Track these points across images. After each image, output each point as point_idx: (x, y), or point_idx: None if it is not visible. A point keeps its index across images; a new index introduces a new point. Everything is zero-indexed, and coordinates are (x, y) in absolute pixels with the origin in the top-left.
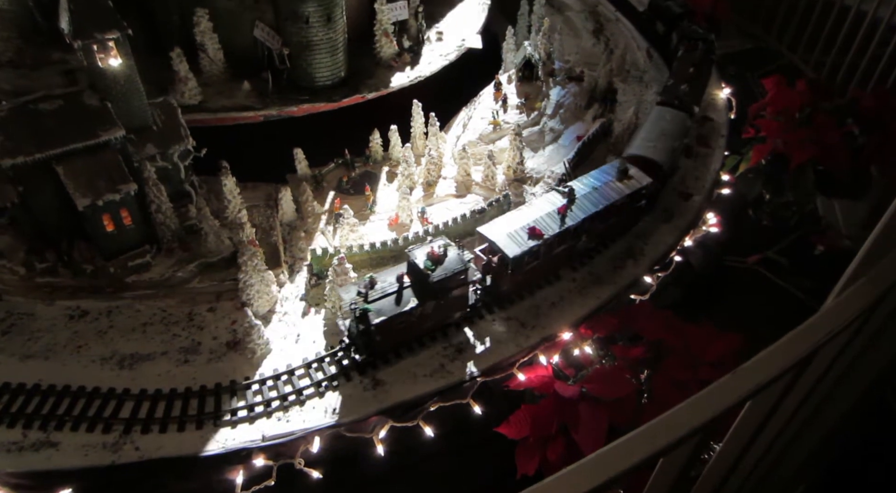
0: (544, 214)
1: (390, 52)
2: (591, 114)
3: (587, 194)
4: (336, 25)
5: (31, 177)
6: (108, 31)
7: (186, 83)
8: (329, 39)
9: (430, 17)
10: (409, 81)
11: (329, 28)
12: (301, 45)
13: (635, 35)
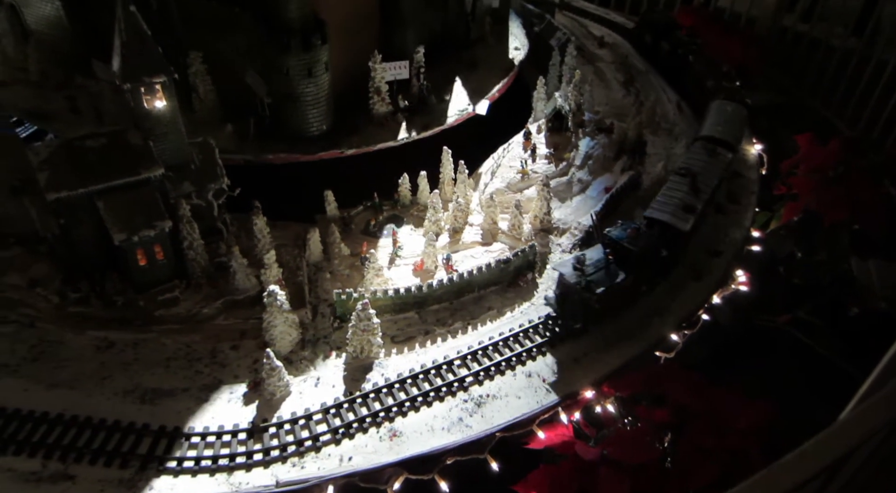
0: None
1: (383, 110)
2: (619, 165)
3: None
4: (318, 80)
5: (73, 210)
6: (155, 75)
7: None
8: (310, 93)
9: (448, 78)
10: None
11: (310, 82)
12: (283, 95)
13: (665, 87)
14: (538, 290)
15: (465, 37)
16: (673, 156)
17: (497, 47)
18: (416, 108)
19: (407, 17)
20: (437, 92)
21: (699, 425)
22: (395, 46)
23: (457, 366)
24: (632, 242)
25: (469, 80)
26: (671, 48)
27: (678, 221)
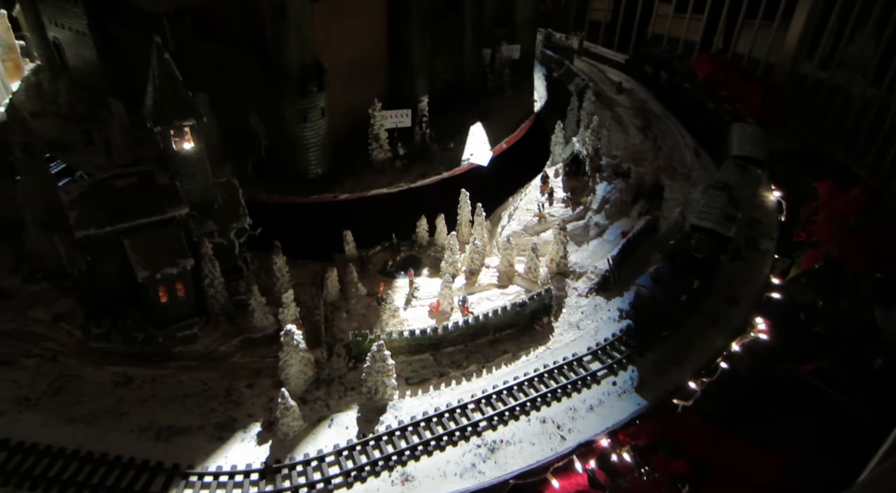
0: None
1: (382, 157)
2: (636, 210)
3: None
4: (314, 125)
5: (100, 247)
6: (185, 118)
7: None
8: (305, 137)
9: (457, 127)
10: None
11: (306, 127)
12: (280, 138)
13: (683, 133)
14: (553, 334)
15: (480, 87)
16: (691, 201)
17: (514, 98)
18: (417, 156)
19: (416, 67)
20: (443, 140)
21: (717, 478)
22: (404, 95)
23: (471, 410)
24: (696, 250)
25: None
26: (669, 77)
27: (722, 228)
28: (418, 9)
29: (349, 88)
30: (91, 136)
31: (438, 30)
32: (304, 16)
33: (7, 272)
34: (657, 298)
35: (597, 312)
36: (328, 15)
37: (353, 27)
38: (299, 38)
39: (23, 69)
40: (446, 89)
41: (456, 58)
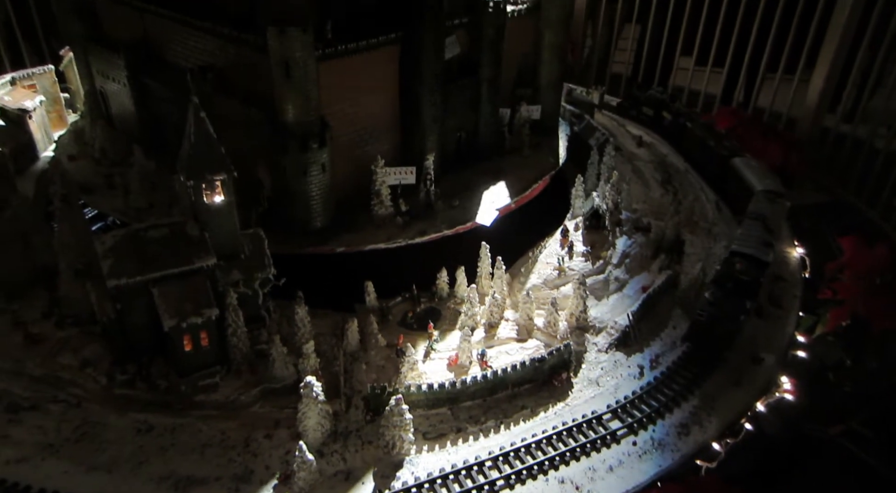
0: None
1: (383, 212)
2: (657, 265)
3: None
4: (314, 179)
5: (129, 296)
6: (217, 173)
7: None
8: (305, 191)
9: (467, 185)
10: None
11: (305, 181)
12: (282, 190)
13: (704, 187)
14: (573, 390)
15: (497, 146)
16: (712, 256)
17: (531, 158)
18: (419, 212)
19: (427, 126)
20: (450, 198)
21: None
22: (415, 152)
23: (488, 468)
24: (742, 273)
25: (489, 189)
26: (673, 117)
27: (762, 254)
28: (430, 70)
29: (357, 144)
30: (113, 180)
31: (453, 90)
32: (307, 76)
33: (40, 317)
34: (718, 319)
35: (616, 368)
36: (337, 74)
37: (364, 86)
38: (303, 96)
39: (66, 120)
40: (460, 147)
41: (471, 117)
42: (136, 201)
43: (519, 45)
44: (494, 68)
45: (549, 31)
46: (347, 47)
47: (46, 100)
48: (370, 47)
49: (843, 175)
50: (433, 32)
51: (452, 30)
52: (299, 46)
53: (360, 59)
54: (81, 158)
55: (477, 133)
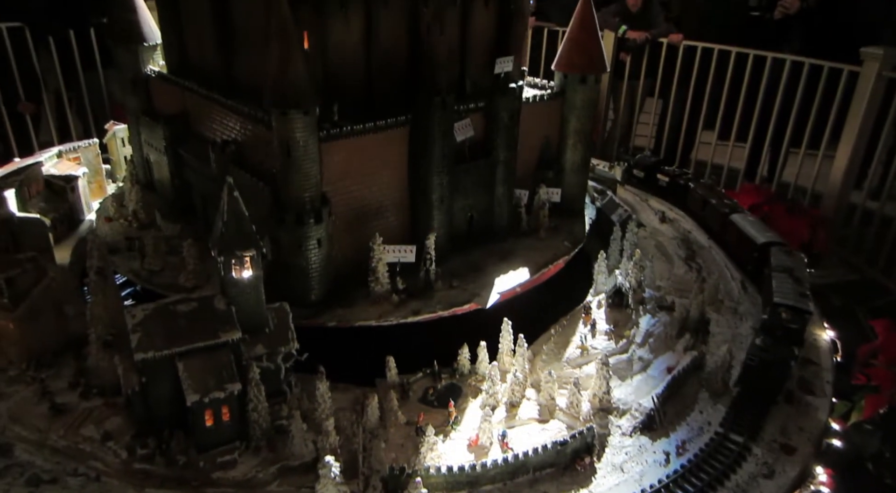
0: None
1: (379, 290)
2: (682, 344)
3: None
4: (308, 254)
5: (155, 369)
6: (247, 249)
7: (188, 266)
8: (298, 265)
9: (472, 266)
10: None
11: (300, 255)
12: (276, 262)
13: (728, 265)
14: (596, 476)
15: (512, 228)
16: (738, 336)
17: (547, 241)
18: (416, 291)
19: (434, 206)
20: (452, 278)
21: None
22: (421, 230)
23: None
24: (791, 321)
25: (493, 272)
26: (671, 179)
27: (803, 304)
28: (438, 153)
29: (360, 221)
30: (133, 242)
31: (465, 170)
32: (307, 155)
33: (67, 387)
34: (770, 364)
35: (641, 454)
36: (342, 153)
37: (370, 165)
38: (302, 174)
39: (105, 190)
40: (472, 227)
41: (484, 197)
42: (150, 264)
43: (541, 128)
44: (509, 151)
45: (573, 117)
46: (353, 129)
47: (89, 171)
48: (377, 129)
49: (871, 253)
50: (441, 120)
51: (466, 113)
52: (300, 127)
53: (367, 140)
54: (116, 220)
55: (491, 213)
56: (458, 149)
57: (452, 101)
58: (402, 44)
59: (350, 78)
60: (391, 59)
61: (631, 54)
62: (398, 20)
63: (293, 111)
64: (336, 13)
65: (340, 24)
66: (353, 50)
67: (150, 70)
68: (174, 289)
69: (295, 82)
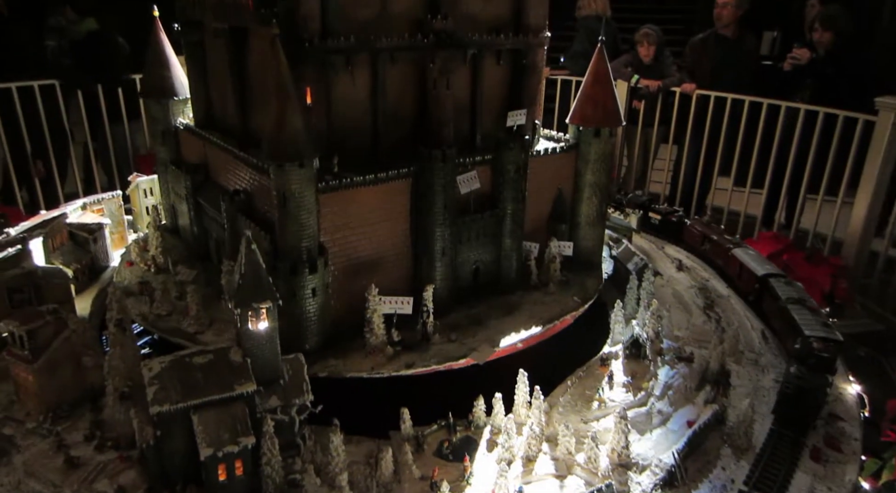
0: None
1: (374, 341)
2: (702, 397)
3: None
4: (302, 303)
5: (169, 423)
6: (263, 301)
7: (191, 311)
8: (293, 313)
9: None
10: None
11: (294, 304)
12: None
13: (748, 314)
14: None
15: (519, 281)
16: (761, 389)
17: (556, 295)
18: (412, 344)
19: (435, 258)
20: (451, 331)
21: None
22: (423, 281)
23: None
24: (823, 350)
25: (495, 326)
26: (663, 217)
27: (831, 333)
28: (439, 206)
29: (360, 271)
30: (143, 287)
31: (469, 222)
32: (302, 206)
33: (82, 439)
34: (805, 391)
35: None
36: (341, 204)
37: (370, 216)
38: (297, 224)
39: (126, 240)
40: (476, 278)
41: (490, 249)
42: (158, 308)
43: (554, 181)
44: (516, 204)
45: (587, 170)
46: (353, 180)
47: (111, 222)
48: (378, 181)
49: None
50: (442, 172)
51: (472, 165)
52: (295, 179)
53: (368, 191)
54: (137, 265)
55: (498, 266)
56: (463, 201)
57: (454, 153)
58: (409, 97)
59: (356, 130)
60: (398, 112)
61: (644, 102)
62: (405, 74)
63: (289, 164)
64: (342, 70)
65: (346, 80)
66: (359, 103)
67: (179, 122)
68: (178, 334)
69: (291, 137)
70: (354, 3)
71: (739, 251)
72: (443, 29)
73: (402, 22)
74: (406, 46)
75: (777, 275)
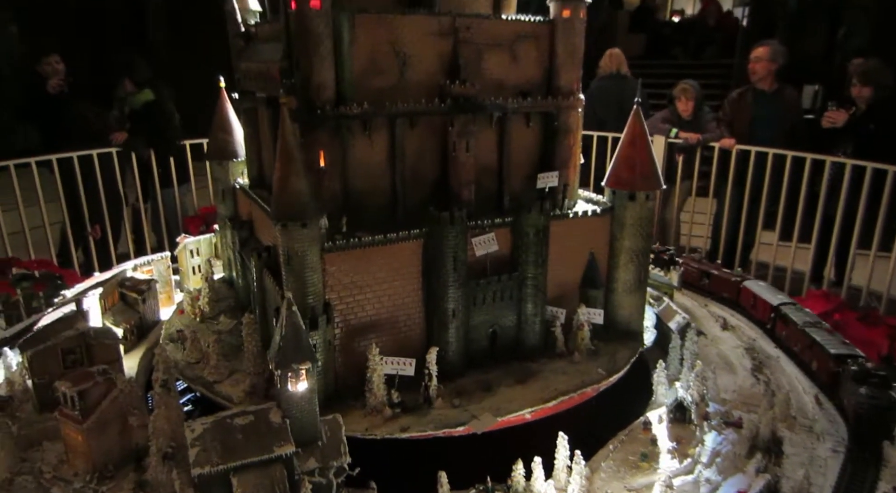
0: None
1: (374, 402)
2: (753, 465)
3: None
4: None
5: (210, 484)
6: (303, 362)
7: (210, 361)
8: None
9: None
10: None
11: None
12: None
13: (800, 377)
14: None
15: (542, 348)
16: (817, 459)
17: (580, 366)
18: (413, 407)
19: (446, 320)
20: (456, 396)
21: None
22: (433, 342)
23: None
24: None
25: (504, 394)
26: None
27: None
28: (450, 266)
29: (370, 330)
30: (179, 334)
31: (486, 285)
32: (305, 265)
33: None
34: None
35: None
36: (349, 263)
37: (379, 276)
38: (300, 282)
39: (173, 300)
40: (494, 343)
41: (508, 314)
42: (188, 356)
43: (585, 245)
44: (537, 268)
45: (623, 235)
46: (361, 240)
47: (160, 282)
48: (387, 242)
49: None
50: (452, 234)
51: (490, 227)
52: (298, 238)
53: (378, 251)
54: (187, 314)
55: (518, 331)
56: (479, 263)
57: (464, 215)
58: (429, 158)
59: (374, 191)
60: (418, 173)
61: (683, 154)
62: (425, 137)
63: (291, 223)
64: (359, 133)
65: (363, 143)
66: (376, 165)
67: (237, 182)
68: (199, 381)
69: (294, 197)
70: (370, 72)
71: (751, 284)
72: (461, 93)
73: (422, 88)
74: (424, 111)
75: (789, 303)
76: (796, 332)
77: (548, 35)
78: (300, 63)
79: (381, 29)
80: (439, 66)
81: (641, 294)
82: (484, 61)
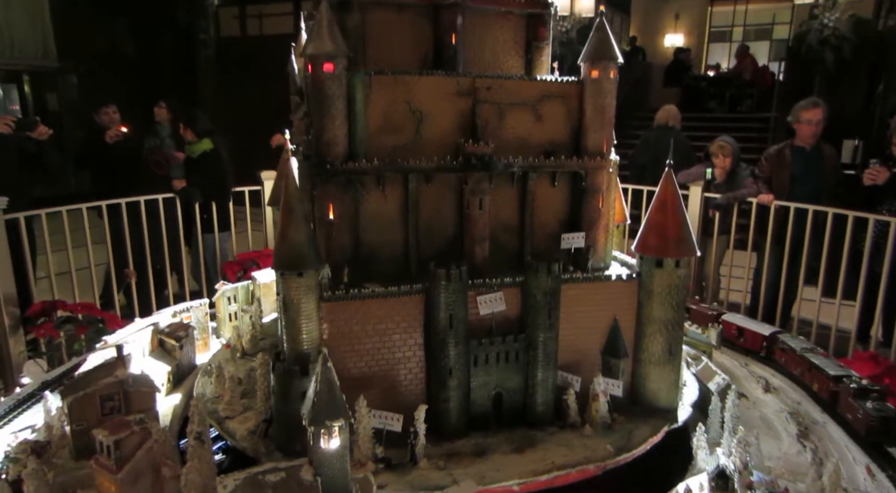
0: None
1: (357, 455)
2: None
3: None
4: (295, 405)
5: None
6: (336, 419)
7: (224, 397)
8: (285, 415)
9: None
10: None
11: (287, 406)
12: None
13: (849, 444)
14: None
15: (550, 416)
16: None
17: (588, 440)
18: (397, 464)
19: (444, 380)
20: (444, 458)
21: None
22: (433, 399)
23: None
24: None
25: (496, 461)
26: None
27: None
28: (445, 324)
29: (370, 381)
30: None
31: (490, 346)
32: (300, 313)
33: None
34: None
35: None
36: (348, 313)
37: (379, 328)
38: (295, 329)
39: (210, 347)
40: (499, 405)
41: (515, 377)
42: (217, 389)
43: (608, 311)
44: (547, 332)
45: (651, 303)
46: (361, 292)
47: (197, 329)
48: (388, 295)
49: None
50: (449, 291)
51: (498, 286)
52: (295, 287)
53: (377, 304)
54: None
55: (526, 395)
56: (484, 322)
57: (461, 273)
58: (445, 213)
59: (387, 244)
60: (433, 228)
61: (720, 210)
62: (441, 192)
63: (289, 273)
64: (372, 187)
65: (376, 196)
66: (389, 219)
67: None
68: (213, 415)
69: (292, 248)
70: (384, 130)
71: (730, 317)
72: (473, 152)
73: (438, 146)
74: (438, 168)
75: (781, 332)
76: (795, 357)
77: (576, 95)
78: (313, 120)
79: (397, 89)
80: (458, 124)
81: (673, 368)
82: (506, 120)
